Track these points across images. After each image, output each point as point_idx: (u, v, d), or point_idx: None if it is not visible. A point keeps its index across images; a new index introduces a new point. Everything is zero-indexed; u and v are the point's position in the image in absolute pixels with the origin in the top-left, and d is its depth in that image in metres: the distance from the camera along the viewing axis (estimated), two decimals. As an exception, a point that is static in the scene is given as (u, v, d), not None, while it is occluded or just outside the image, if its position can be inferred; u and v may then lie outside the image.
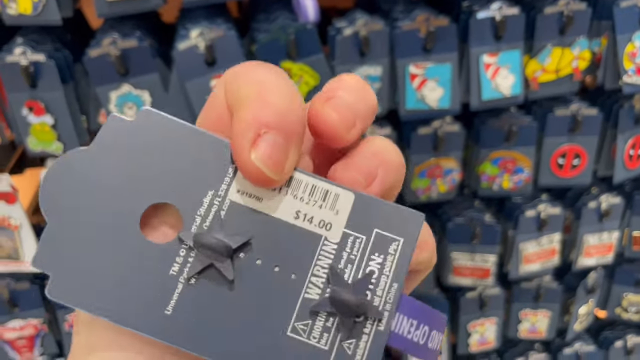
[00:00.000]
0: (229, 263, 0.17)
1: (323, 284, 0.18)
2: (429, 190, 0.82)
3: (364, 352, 0.17)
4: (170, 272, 0.17)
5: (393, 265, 0.18)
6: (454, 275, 0.89)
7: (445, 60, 0.72)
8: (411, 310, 0.19)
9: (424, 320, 0.19)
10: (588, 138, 0.82)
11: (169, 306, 0.17)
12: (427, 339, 0.19)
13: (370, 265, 0.18)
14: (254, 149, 0.17)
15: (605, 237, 0.92)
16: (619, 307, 1.02)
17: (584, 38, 0.75)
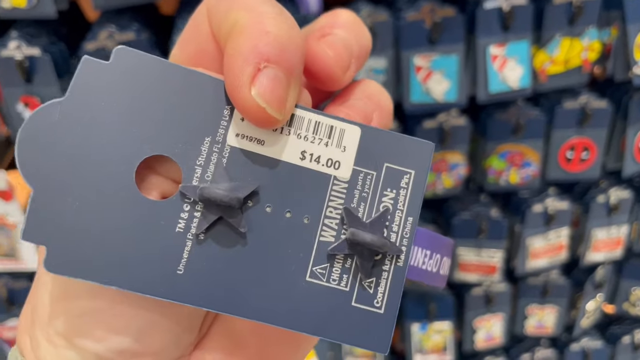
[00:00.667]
0: (240, 215, 0.16)
1: (337, 225, 0.17)
2: (434, 185, 0.80)
3: (385, 289, 0.17)
4: (177, 229, 0.16)
5: (407, 199, 0.18)
6: (460, 271, 0.87)
7: (451, 52, 0.70)
8: (424, 240, 0.18)
9: (436, 249, 0.19)
10: (597, 131, 0.80)
11: (180, 265, 0.16)
12: (439, 267, 0.19)
13: (384, 201, 0.18)
14: (254, 85, 0.15)
15: (614, 232, 0.90)
16: (627, 302, 1.00)
17: (593, 28, 0.73)
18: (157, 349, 0.17)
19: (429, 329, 0.91)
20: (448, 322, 0.91)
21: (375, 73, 0.69)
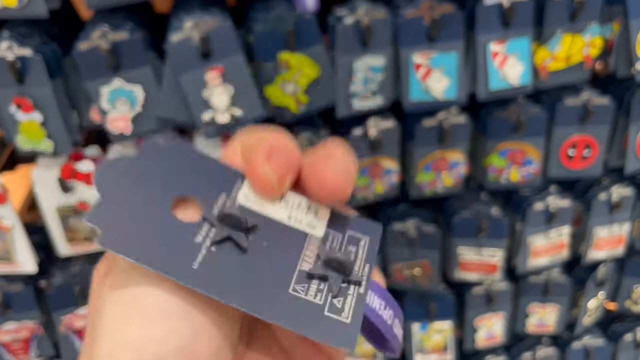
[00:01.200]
0: (244, 236, 0.22)
1: (313, 261, 0.23)
2: (434, 184, 0.79)
3: (350, 306, 0.22)
4: (196, 240, 0.22)
5: (364, 252, 0.24)
6: (460, 270, 0.86)
7: (450, 49, 0.69)
8: (380, 292, 0.23)
9: (390, 305, 0.23)
10: (599, 128, 0.79)
11: (195, 262, 0.21)
12: (392, 322, 0.23)
13: (348, 251, 0.24)
14: (268, 162, 0.22)
15: (615, 230, 0.89)
16: (629, 300, 0.99)
17: (595, 24, 0.72)
18: (211, 350, 0.21)
19: (429, 328, 0.90)
20: (448, 322, 0.90)
21: (373, 71, 0.68)
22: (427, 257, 0.83)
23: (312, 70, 0.66)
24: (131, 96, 0.63)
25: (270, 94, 0.67)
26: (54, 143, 0.64)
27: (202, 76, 0.62)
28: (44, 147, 0.63)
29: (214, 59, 0.62)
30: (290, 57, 0.65)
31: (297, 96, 0.68)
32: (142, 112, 0.64)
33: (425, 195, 0.80)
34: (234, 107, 0.64)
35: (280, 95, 0.67)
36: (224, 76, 0.63)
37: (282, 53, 0.65)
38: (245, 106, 0.64)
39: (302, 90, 0.67)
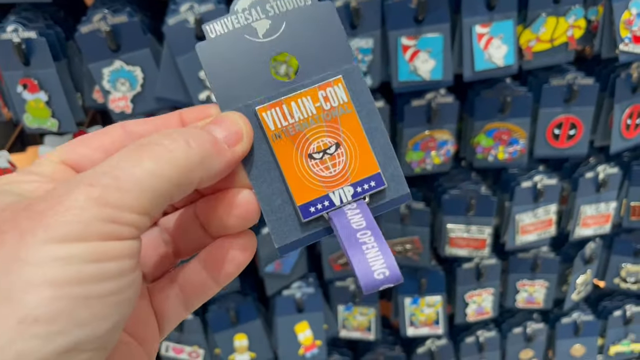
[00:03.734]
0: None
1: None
2: (424, 162, 0.82)
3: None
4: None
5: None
6: (450, 246, 0.90)
7: (437, 31, 0.71)
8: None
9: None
10: (584, 108, 0.81)
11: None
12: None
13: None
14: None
15: (602, 208, 0.92)
16: (618, 277, 1.02)
17: (579, 7, 0.74)
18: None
19: (420, 302, 0.94)
20: (439, 296, 0.94)
21: (362, 52, 0.71)
22: (418, 234, 0.86)
23: (303, 52, 0.69)
24: (131, 77, 0.67)
25: (264, 75, 0.70)
26: (59, 122, 0.67)
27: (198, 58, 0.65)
28: (50, 125, 0.67)
29: (209, 41, 0.65)
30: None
31: (289, 77, 0.70)
32: (141, 92, 0.67)
33: (415, 173, 0.83)
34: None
35: (274, 75, 0.70)
36: (219, 57, 0.66)
37: (274, 35, 0.68)
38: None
39: (294, 71, 0.70)
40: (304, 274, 0.88)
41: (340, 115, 0.25)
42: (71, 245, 0.18)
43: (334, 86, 0.25)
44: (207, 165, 0.22)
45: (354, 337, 0.97)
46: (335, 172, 0.25)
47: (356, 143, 0.25)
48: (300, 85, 0.26)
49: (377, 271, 0.22)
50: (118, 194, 0.19)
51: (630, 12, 0.74)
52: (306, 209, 0.25)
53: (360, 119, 0.25)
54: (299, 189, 0.25)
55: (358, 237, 0.23)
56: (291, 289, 0.87)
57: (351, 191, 0.25)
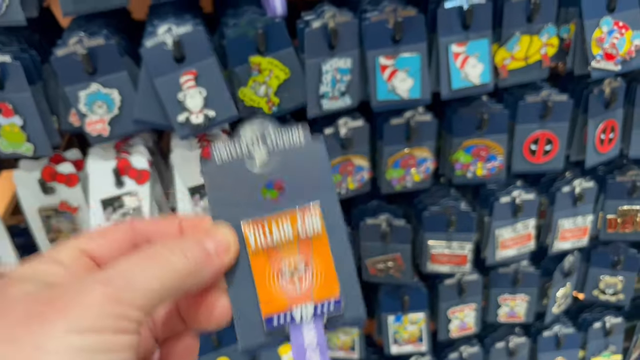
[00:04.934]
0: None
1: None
2: (404, 179, 0.83)
3: None
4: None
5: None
6: (432, 262, 0.90)
7: (414, 51, 0.72)
8: None
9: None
10: (559, 124, 0.83)
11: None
12: None
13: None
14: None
15: (579, 221, 0.93)
16: (597, 289, 1.04)
17: (552, 25, 0.76)
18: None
19: (404, 320, 0.94)
20: (422, 313, 0.94)
21: (341, 72, 0.72)
22: (399, 251, 0.87)
23: (282, 73, 0.70)
24: (108, 100, 0.66)
25: (243, 96, 0.70)
26: (34, 146, 0.66)
27: (176, 79, 0.65)
28: (24, 150, 0.66)
29: (188, 63, 0.65)
30: (261, 60, 0.68)
31: (269, 97, 0.71)
32: (119, 114, 0.67)
33: (396, 191, 0.84)
34: (208, 109, 0.67)
35: (253, 96, 0.70)
36: (198, 79, 0.65)
37: (252, 56, 0.68)
38: (219, 108, 0.67)
39: (274, 92, 0.71)
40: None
41: (312, 239, 0.28)
42: (86, 337, 0.22)
43: (311, 212, 0.28)
44: (199, 274, 0.26)
45: (338, 356, 0.96)
46: (301, 290, 0.28)
47: (323, 266, 0.28)
48: (283, 208, 0.28)
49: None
50: (129, 294, 0.23)
51: (601, 30, 0.76)
52: (270, 321, 0.28)
53: (330, 245, 0.28)
54: (267, 301, 0.27)
55: (307, 355, 0.27)
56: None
57: (312, 311, 0.28)
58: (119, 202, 0.70)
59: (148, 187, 0.70)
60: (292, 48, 0.69)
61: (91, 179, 0.69)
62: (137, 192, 0.70)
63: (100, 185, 0.69)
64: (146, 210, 0.71)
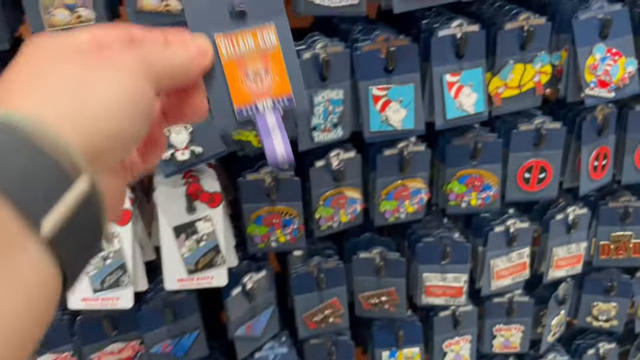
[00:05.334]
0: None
1: None
2: (397, 211, 0.80)
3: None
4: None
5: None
6: (427, 295, 0.87)
7: (407, 81, 0.70)
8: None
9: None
10: (553, 152, 0.81)
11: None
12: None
13: None
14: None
15: (573, 249, 0.92)
16: (590, 316, 1.02)
17: (545, 53, 0.75)
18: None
19: (398, 355, 0.90)
20: (417, 348, 0.91)
21: (333, 104, 0.69)
22: (394, 285, 0.83)
23: (272, 105, 0.66)
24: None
25: (231, 130, 0.66)
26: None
27: (160, 115, 0.61)
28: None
29: (172, 97, 0.61)
30: (250, 93, 0.65)
31: (257, 127, 0.67)
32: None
33: (389, 223, 0.81)
34: (195, 145, 0.63)
35: (241, 130, 0.67)
36: (183, 114, 0.62)
37: (241, 89, 0.65)
38: (206, 143, 0.64)
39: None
40: (277, 333, 0.83)
41: (270, 51, 0.35)
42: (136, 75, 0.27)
43: (268, 30, 0.35)
44: (187, 70, 0.31)
45: (330, 394, 0.92)
46: (262, 88, 0.35)
47: (279, 72, 0.35)
48: (246, 27, 0.34)
49: (279, 153, 0.34)
50: (151, 63, 0.28)
51: (594, 57, 0.75)
52: (240, 111, 0.34)
53: (283, 56, 0.35)
54: (237, 96, 0.34)
55: (270, 132, 0.34)
56: (263, 350, 0.82)
57: (271, 104, 0.35)
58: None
59: (129, 228, 0.66)
60: (282, 80, 0.66)
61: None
62: (118, 233, 0.66)
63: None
64: (128, 254, 0.66)
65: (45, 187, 0.21)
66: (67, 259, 0.22)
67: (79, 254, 0.23)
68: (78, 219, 0.22)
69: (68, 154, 0.22)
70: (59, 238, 0.21)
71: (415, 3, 0.66)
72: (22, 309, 0.20)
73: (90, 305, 0.66)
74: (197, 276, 0.69)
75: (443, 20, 0.72)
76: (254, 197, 0.72)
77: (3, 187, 0.20)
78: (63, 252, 0.22)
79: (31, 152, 0.21)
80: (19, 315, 0.20)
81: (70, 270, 0.23)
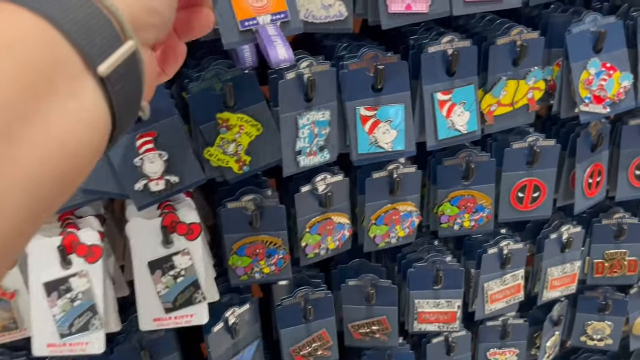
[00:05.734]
0: None
1: None
2: (388, 236, 0.76)
3: None
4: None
5: None
6: (419, 322, 0.83)
7: (397, 101, 0.66)
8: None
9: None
10: (547, 170, 0.78)
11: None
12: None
13: None
14: None
15: (568, 268, 0.89)
16: (584, 335, 0.99)
17: (538, 69, 0.71)
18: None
19: (390, 386, 0.86)
20: (410, 377, 0.86)
21: (319, 125, 0.64)
22: (385, 313, 0.79)
23: (253, 129, 0.62)
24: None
25: (210, 156, 0.61)
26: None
27: (131, 142, 0.56)
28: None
29: (145, 123, 0.56)
30: (230, 116, 0.60)
31: (239, 156, 0.63)
32: (64, 184, 0.57)
33: (379, 248, 0.76)
34: (170, 174, 0.58)
35: (221, 155, 0.62)
36: (157, 141, 0.57)
37: (220, 112, 0.60)
38: (183, 172, 0.59)
39: (244, 150, 0.62)
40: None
41: None
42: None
43: None
44: None
45: None
46: (262, 5, 0.40)
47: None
48: None
49: (281, 55, 0.40)
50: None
51: (589, 72, 0.72)
52: (242, 23, 0.39)
53: None
54: (240, 11, 0.39)
55: (271, 40, 0.40)
56: (248, 387, 0.76)
57: (270, 17, 0.40)
58: (66, 285, 0.59)
59: (99, 265, 0.60)
60: (264, 102, 0.61)
61: (31, 259, 0.59)
62: (88, 271, 0.60)
63: (42, 266, 0.59)
64: (98, 293, 0.60)
65: (102, 38, 0.25)
66: (116, 103, 0.26)
67: (125, 107, 0.27)
68: (125, 73, 0.26)
69: (120, 19, 0.26)
70: (110, 80, 0.25)
71: (404, 19, 0.62)
72: (83, 130, 0.24)
73: (56, 351, 0.60)
74: (175, 314, 0.64)
75: (432, 36, 0.69)
76: (235, 227, 0.67)
77: (69, 32, 0.23)
78: (113, 96, 0.25)
79: (92, 10, 0.25)
80: (78, 135, 0.24)
81: (118, 117, 0.26)
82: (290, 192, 0.69)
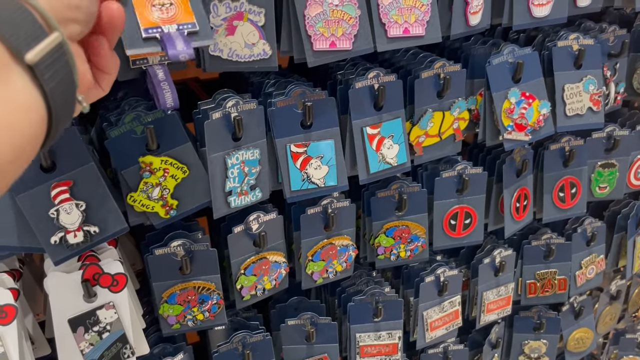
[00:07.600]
0: None
1: None
2: (325, 272, 0.74)
3: None
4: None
5: None
6: (361, 357, 0.81)
7: (327, 137, 0.65)
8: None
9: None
10: (476, 197, 0.80)
11: None
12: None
13: None
14: None
15: (502, 291, 0.91)
16: (522, 355, 1.01)
17: (462, 100, 0.73)
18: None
19: None
20: (355, 413, 0.84)
21: (248, 165, 0.63)
22: (326, 351, 0.77)
23: (179, 172, 0.59)
24: None
25: (133, 202, 0.58)
26: None
27: (45, 193, 0.52)
28: None
29: (59, 171, 0.52)
30: (154, 160, 0.58)
31: (166, 200, 0.60)
32: (-30, 241, 0.52)
33: (317, 284, 0.75)
34: (89, 224, 0.54)
35: (145, 201, 0.59)
36: (73, 190, 0.53)
37: (142, 157, 0.57)
38: (103, 221, 0.55)
39: (170, 193, 0.60)
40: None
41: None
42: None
43: None
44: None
45: None
46: (168, 16, 0.41)
47: (182, 4, 0.42)
48: None
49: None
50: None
51: (510, 101, 0.75)
52: (146, 30, 0.40)
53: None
54: (144, 20, 0.41)
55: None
56: None
57: (176, 27, 0.41)
58: (-24, 352, 0.54)
59: (14, 327, 0.55)
60: (189, 143, 0.59)
61: None
62: (1, 334, 0.55)
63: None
64: (14, 355, 0.55)
65: (26, 31, 0.27)
66: (49, 90, 0.28)
67: (59, 95, 0.29)
68: (54, 62, 0.29)
69: (44, 14, 0.29)
70: (39, 67, 0.28)
71: (330, 56, 0.62)
72: (14, 111, 0.26)
73: None
74: (101, 373, 0.59)
75: (359, 71, 0.69)
76: (165, 274, 0.64)
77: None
78: (44, 82, 0.28)
79: (16, 7, 0.28)
80: (8, 117, 0.26)
81: (53, 105, 0.29)
82: (222, 233, 0.67)
